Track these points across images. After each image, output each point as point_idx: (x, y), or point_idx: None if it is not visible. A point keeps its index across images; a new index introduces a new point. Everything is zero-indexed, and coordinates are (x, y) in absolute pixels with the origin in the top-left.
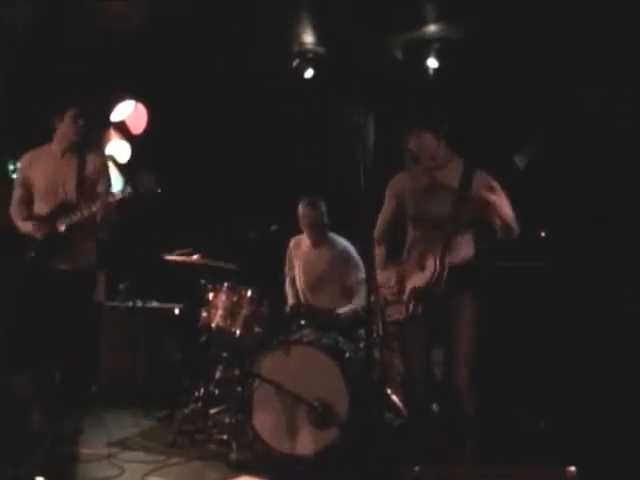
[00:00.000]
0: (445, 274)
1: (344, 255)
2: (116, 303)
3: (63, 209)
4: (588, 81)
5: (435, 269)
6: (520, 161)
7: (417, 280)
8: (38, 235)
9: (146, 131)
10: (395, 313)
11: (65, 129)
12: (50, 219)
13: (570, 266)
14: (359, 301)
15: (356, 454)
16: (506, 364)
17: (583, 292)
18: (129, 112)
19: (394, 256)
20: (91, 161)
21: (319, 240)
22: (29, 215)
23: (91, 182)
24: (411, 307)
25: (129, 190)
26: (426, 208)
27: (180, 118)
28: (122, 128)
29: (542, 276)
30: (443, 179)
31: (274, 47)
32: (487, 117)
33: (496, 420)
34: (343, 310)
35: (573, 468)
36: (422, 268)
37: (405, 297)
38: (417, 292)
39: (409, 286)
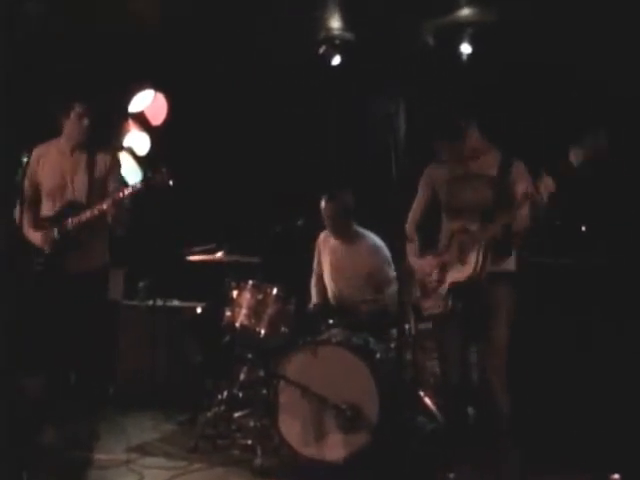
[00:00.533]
0: (485, 271)
1: (373, 250)
2: (135, 302)
3: (71, 209)
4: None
5: (477, 266)
6: (576, 156)
7: (457, 274)
8: (46, 248)
9: (166, 122)
10: (433, 307)
11: (71, 127)
12: (58, 219)
13: (604, 261)
14: (389, 297)
15: (387, 460)
16: (545, 365)
17: (627, 289)
18: (148, 102)
19: (428, 246)
20: (102, 159)
21: (340, 234)
22: (36, 220)
23: (102, 181)
24: (450, 302)
25: (139, 185)
26: (459, 196)
27: (201, 108)
28: (141, 119)
29: (582, 272)
30: (480, 167)
31: (299, 34)
32: (523, 105)
33: (536, 424)
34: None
35: (617, 475)
36: (463, 262)
37: (444, 290)
38: (457, 286)
39: (449, 279)
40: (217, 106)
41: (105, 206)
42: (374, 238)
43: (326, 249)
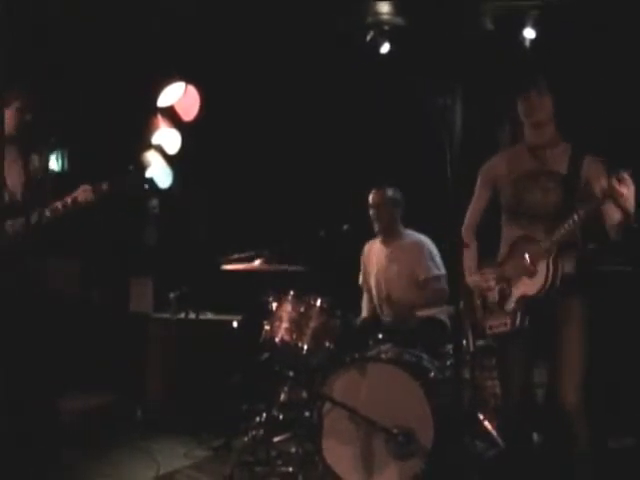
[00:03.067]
0: (559, 282)
1: (415, 247)
2: (166, 315)
3: (9, 211)
4: None
5: (548, 276)
6: None
7: (526, 287)
8: None
9: (198, 117)
10: (498, 325)
11: (8, 120)
12: None
13: None
14: (430, 298)
15: None
16: (630, 386)
17: None
18: (178, 96)
19: (487, 255)
20: (37, 159)
21: (385, 228)
22: None
23: (38, 180)
24: (518, 319)
25: (105, 187)
26: (525, 198)
27: (238, 102)
28: (171, 114)
29: None
30: (550, 162)
31: (344, 18)
32: (594, 95)
33: (617, 455)
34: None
35: None
36: (532, 273)
37: (512, 306)
38: (527, 301)
39: (516, 293)
40: (255, 99)
41: (61, 206)
42: (416, 234)
43: (371, 258)
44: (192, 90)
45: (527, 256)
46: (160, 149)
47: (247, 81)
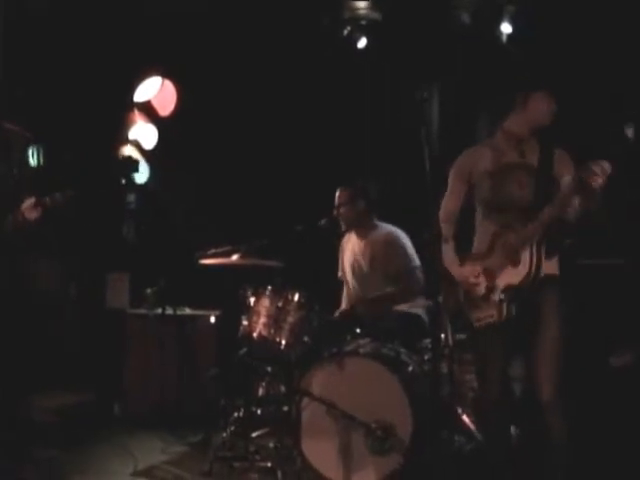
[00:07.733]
0: (542, 269)
1: (387, 240)
2: (143, 310)
3: None
4: None
5: (532, 264)
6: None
7: (511, 277)
8: None
9: (175, 112)
10: (486, 317)
11: None
12: None
13: None
14: (404, 291)
15: None
16: (609, 383)
17: None
18: (155, 91)
19: (466, 249)
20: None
21: (353, 226)
22: None
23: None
24: (505, 309)
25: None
26: (503, 191)
27: (214, 97)
28: (147, 109)
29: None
30: (528, 154)
31: (322, 13)
32: (570, 91)
33: (595, 451)
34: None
35: None
36: (515, 263)
37: (498, 297)
38: (512, 291)
39: (501, 284)
40: (232, 94)
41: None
42: (390, 227)
43: (347, 251)
44: (169, 85)
45: (508, 246)
46: (137, 144)
47: (224, 76)
